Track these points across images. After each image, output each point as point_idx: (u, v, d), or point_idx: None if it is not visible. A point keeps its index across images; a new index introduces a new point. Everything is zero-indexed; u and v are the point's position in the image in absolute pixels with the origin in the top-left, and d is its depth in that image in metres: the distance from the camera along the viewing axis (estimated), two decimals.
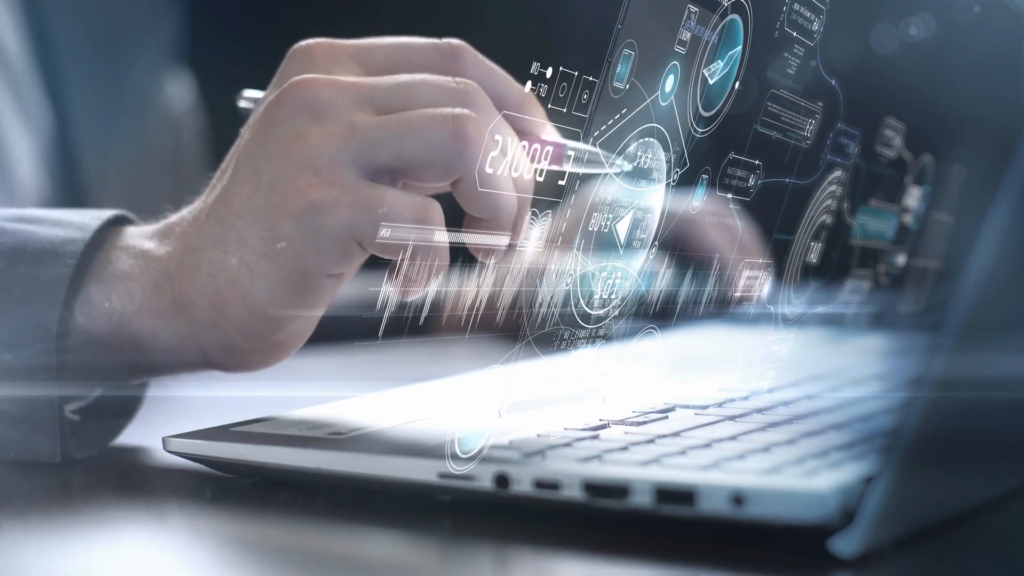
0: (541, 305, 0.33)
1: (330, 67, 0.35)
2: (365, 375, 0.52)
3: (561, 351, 0.34)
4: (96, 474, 0.38)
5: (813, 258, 0.45)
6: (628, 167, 0.34)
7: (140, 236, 0.38)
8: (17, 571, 0.24)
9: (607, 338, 0.37)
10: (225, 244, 0.34)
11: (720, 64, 0.37)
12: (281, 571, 0.26)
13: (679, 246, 0.40)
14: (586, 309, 0.35)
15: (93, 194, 0.74)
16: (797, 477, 0.25)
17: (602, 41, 0.32)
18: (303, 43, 0.36)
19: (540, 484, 0.27)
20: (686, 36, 0.35)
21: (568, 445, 0.30)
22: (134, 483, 0.39)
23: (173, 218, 0.38)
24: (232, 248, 0.34)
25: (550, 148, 0.34)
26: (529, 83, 0.32)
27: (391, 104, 0.34)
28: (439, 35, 0.38)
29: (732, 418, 0.35)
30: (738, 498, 0.24)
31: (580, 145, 0.33)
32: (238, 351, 0.36)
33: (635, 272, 0.37)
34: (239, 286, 0.34)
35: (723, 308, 0.43)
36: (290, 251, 0.33)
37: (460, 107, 0.33)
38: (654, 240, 0.37)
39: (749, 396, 0.40)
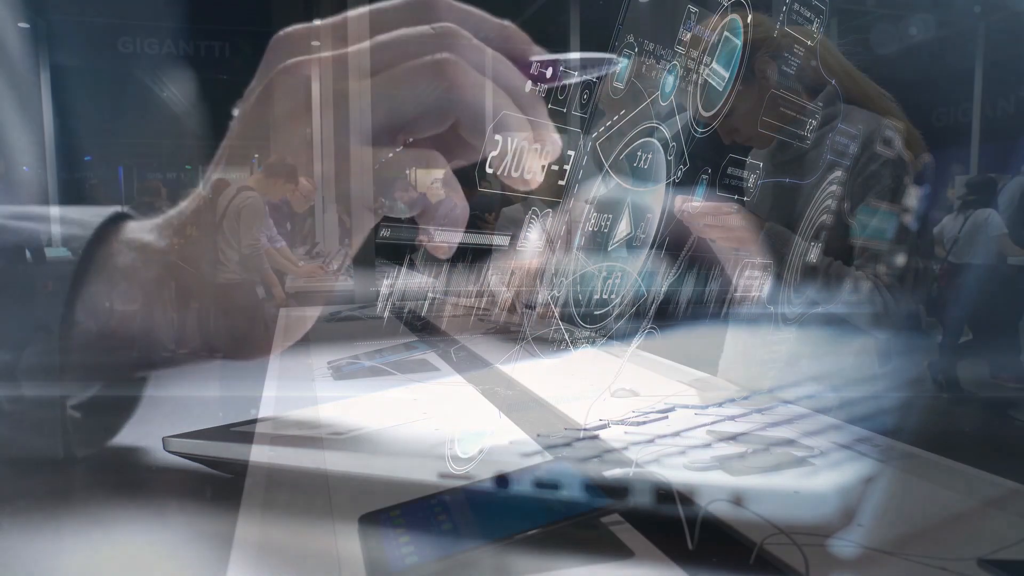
0: (541, 305, 0.33)
1: (312, 48, 0.35)
2: (365, 374, 0.52)
3: (561, 351, 0.34)
4: (96, 473, 0.38)
5: (813, 258, 0.45)
6: (623, 62, 0.33)
7: (140, 231, 0.38)
8: (18, 570, 0.24)
9: (607, 338, 0.37)
10: (225, 234, 0.34)
11: (720, 66, 0.37)
12: (281, 571, 0.26)
13: (679, 246, 0.40)
14: (586, 309, 0.35)
15: (93, 191, 0.74)
16: (797, 477, 0.26)
17: (602, 41, 0.32)
18: (282, 31, 0.36)
19: (541, 484, 0.27)
20: (686, 36, 0.35)
21: (568, 445, 0.30)
22: (134, 483, 0.39)
23: (172, 212, 0.38)
24: (232, 237, 0.34)
25: (545, 68, 0.33)
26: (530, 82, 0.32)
27: (375, 65, 0.33)
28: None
29: (732, 418, 0.35)
30: (738, 498, 0.24)
31: (572, 56, 0.33)
32: (242, 339, 0.36)
33: (635, 272, 0.37)
34: (241, 274, 0.34)
35: (723, 308, 0.43)
36: (293, 233, 0.33)
37: (440, 51, 0.32)
38: (654, 240, 0.37)
39: (749, 396, 0.40)
